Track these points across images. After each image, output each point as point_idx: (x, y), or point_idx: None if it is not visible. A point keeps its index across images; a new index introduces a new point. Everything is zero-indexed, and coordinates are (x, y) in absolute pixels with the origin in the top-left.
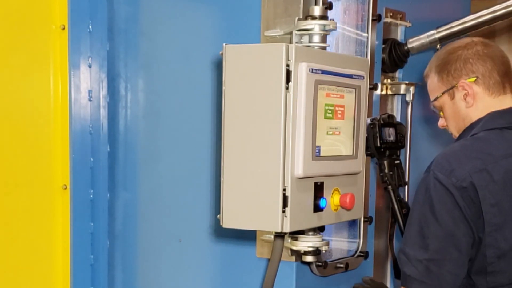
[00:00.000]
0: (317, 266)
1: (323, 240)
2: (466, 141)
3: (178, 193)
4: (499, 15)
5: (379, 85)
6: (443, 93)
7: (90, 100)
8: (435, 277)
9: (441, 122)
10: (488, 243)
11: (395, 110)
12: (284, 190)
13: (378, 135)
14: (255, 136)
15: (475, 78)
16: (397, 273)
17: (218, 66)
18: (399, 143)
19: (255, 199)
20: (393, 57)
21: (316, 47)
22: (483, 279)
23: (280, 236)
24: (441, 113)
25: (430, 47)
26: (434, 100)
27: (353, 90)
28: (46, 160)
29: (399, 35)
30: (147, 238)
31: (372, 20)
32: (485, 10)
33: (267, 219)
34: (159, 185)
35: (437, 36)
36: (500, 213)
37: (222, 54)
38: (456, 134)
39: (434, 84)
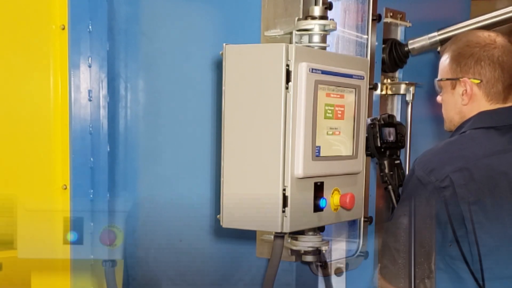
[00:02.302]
0: (317, 266)
1: (323, 240)
2: (452, 139)
3: (178, 193)
4: (500, 20)
5: (379, 85)
6: (447, 79)
7: (90, 100)
8: (397, 265)
9: (439, 99)
10: (473, 241)
11: (395, 110)
12: (284, 190)
13: (378, 135)
14: (255, 136)
15: (479, 81)
16: None
17: (218, 66)
18: (399, 143)
19: (255, 199)
20: (393, 57)
21: (316, 47)
22: (469, 274)
23: (280, 236)
24: (440, 94)
25: (431, 49)
26: (439, 80)
27: (353, 90)
28: (46, 160)
29: (399, 35)
30: (147, 238)
31: (372, 20)
32: (486, 15)
33: (267, 219)
34: (159, 185)
35: (438, 38)
36: (482, 211)
37: (222, 54)
38: (446, 121)
39: (444, 65)
